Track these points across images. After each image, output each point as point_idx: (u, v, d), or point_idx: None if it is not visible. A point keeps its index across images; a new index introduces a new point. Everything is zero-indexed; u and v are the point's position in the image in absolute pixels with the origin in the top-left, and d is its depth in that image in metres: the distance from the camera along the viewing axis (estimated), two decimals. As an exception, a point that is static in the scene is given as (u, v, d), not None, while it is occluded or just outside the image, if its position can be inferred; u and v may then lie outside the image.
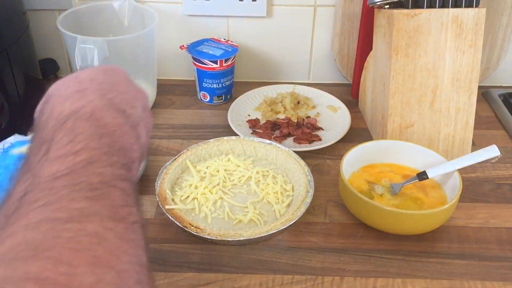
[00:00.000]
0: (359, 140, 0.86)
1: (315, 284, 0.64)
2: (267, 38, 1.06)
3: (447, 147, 0.85)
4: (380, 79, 0.87)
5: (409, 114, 0.83)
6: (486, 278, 0.65)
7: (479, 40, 0.80)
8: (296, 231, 0.72)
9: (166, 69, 1.09)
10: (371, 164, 0.79)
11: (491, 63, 1.06)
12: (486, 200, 0.78)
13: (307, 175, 0.75)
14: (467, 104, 0.83)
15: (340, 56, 1.05)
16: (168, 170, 0.76)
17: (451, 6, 0.79)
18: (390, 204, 0.72)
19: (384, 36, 0.84)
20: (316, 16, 1.03)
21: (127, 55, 0.93)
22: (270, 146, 0.81)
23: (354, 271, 0.66)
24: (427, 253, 0.69)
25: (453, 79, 0.82)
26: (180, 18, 1.03)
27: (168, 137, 0.92)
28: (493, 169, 0.85)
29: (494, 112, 1.00)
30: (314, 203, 0.75)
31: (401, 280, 0.65)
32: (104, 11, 0.97)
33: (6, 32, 0.82)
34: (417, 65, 0.81)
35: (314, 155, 0.87)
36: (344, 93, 1.05)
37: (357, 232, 0.72)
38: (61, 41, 1.02)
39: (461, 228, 0.73)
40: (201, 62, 0.97)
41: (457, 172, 0.72)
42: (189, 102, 1.03)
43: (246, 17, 1.03)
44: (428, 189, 0.75)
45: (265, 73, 1.10)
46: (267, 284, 0.64)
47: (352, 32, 1.01)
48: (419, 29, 0.79)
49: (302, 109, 0.98)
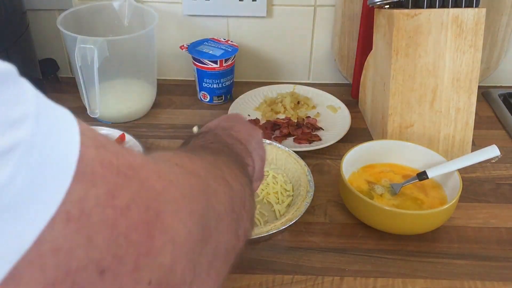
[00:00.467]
0: (359, 140, 0.86)
1: (315, 284, 0.64)
2: (267, 38, 1.06)
3: (447, 147, 0.85)
4: (380, 79, 0.87)
5: (409, 114, 0.83)
6: (486, 278, 0.65)
7: (479, 40, 0.80)
8: (296, 231, 0.72)
9: (166, 69, 1.09)
10: (371, 164, 0.79)
11: (491, 63, 1.06)
12: (486, 200, 0.78)
13: (307, 175, 0.75)
14: (467, 104, 0.83)
15: (340, 56, 1.05)
16: (168, 170, 0.75)
17: (451, 6, 0.79)
18: (390, 204, 0.72)
19: (384, 36, 0.84)
20: (316, 16, 1.03)
21: (127, 55, 0.93)
22: (270, 146, 0.81)
23: (354, 271, 0.66)
24: (427, 253, 0.69)
25: (453, 79, 0.81)
26: (180, 18, 1.03)
27: (168, 137, 0.92)
28: (493, 169, 0.84)
29: (494, 112, 1.00)
30: (314, 203, 0.75)
31: (401, 280, 0.65)
32: (104, 11, 0.96)
33: (6, 32, 0.82)
34: (417, 65, 0.81)
35: (314, 155, 0.87)
36: (344, 93, 1.05)
37: (357, 232, 0.72)
38: (61, 41, 1.02)
39: (461, 228, 0.73)
40: (201, 62, 0.97)
41: (457, 172, 0.72)
42: (189, 102, 1.03)
43: (246, 17, 1.03)
44: (428, 189, 0.75)
45: (265, 73, 1.10)
46: (267, 284, 0.64)
47: (352, 32, 1.01)
48: (419, 29, 0.79)
49: (302, 109, 0.98)
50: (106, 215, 0.22)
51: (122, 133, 0.87)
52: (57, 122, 0.21)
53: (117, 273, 0.22)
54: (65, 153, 0.21)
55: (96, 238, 0.21)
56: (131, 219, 0.23)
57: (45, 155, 0.20)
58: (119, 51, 0.89)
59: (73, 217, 0.20)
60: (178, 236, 0.26)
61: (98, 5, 0.96)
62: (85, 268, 0.21)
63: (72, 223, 0.20)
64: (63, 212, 0.20)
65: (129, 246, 0.23)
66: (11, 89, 0.19)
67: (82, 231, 0.21)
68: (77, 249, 0.21)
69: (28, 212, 0.19)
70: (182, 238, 0.26)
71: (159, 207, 0.25)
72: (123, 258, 0.23)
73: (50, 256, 0.20)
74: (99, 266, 0.21)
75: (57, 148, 0.21)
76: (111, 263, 0.22)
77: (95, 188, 0.22)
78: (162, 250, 0.25)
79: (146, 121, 0.97)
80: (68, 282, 0.20)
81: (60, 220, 0.20)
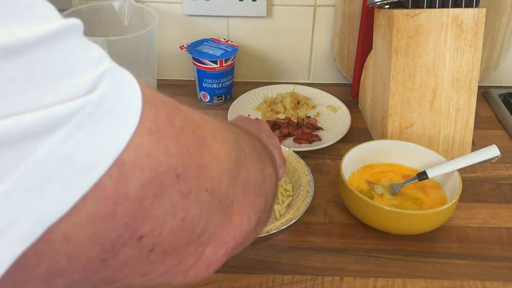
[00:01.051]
0: (359, 140, 0.86)
1: (315, 284, 0.64)
2: (267, 38, 1.06)
3: (447, 147, 0.85)
4: (380, 79, 0.87)
5: (409, 114, 0.83)
6: (486, 278, 0.65)
7: (479, 40, 0.80)
8: (296, 231, 0.72)
9: (166, 69, 1.09)
10: (371, 164, 0.79)
11: (491, 63, 1.06)
12: (486, 200, 0.78)
13: (307, 175, 0.75)
14: (467, 104, 0.83)
15: (340, 56, 1.05)
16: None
17: (451, 6, 0.79)
18: (390, 204, 0.72)
19: (384, 36, 0.84)
20: (316, 16, 1.03)
21: (127, 55, 0.93)
22: (270, 146, 0.80)
23: (354, 271, 0.66)
24: (427, 253, 0.69)
25: (453, 79, 0.82)
26: (180, 18, 1.03)
27: (168, 137, 0.92)
28: (493, 169, 0.85)
29: (494, 112, 1.00)
30: (314, 203, 0.75)
31: (401, 280, 0.65)
32: (104, 11, 0.97)
33: (6, 32, 0.82)
34: (417, 65, 0.81)
35: (314, 155, 0.87)
36: (344, 93, 1.05)
37: (357, 232, 0.72)
38: (61, 41, 1.02)
39: (461, 228, 0.73)
40: (201, 62, 0.97)
41: (457, 172, 0.72)
42: (189, 102, 1.03)
43: (246, 17, 1.03)
44: (428, 189, 0.75)
45: (265, 73, 1.10)
46: (267, 284, 0.64)
47: (352, 32, 1.01)
48: (419, 29, 0.79)
49: (302, 109, 0.98)
50: (171, 132, 0.27)
51: (122, 133, 0.87)
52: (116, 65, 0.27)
53: (187, 179, 0.28)
54: (131, 85, 0.26)
55: (171, 148, 0.27)
56: (187, 137, 0.29)
57: (123, 81, 0.25)
58: (119, 51, 0.89)
59: (153, 131, 0.26)
60: (219, 156, 0.32)
61: (98, 5, 0.96)
62: (167, 172, 0.26)
63: (154, 136, 0.26)
64: (146, 127, 0.25)
65: (191, 158, 0.28)
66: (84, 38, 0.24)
67: (161, 142, 0.26)
68: (160, 156, 0.26)
69: (121, 119, 0.24)
70: (222, 158, 0.32)
71: (202, 132, 0.31)
72: (189, 166, 0.28)
73: (145, 160, 0.25)
74: (176, 171, 0.27)
75: (126, 79, 0.26)
76: (182, 169, 0.27)
77: (159, 112, 0.27)
78: (211, 165, 0.30)
79: (146, 121, 0.97)
80: (157, 182, 0.25)
81: (146, 133, 0.25)
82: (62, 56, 0.22)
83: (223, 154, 0.33)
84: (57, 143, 0.21)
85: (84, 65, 0.23)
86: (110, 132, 0.23)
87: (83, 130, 0.22)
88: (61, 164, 0.21)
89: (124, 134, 0.24)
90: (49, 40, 0.22)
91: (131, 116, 0.25)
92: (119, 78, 0.25)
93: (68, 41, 0.23)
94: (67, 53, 0.22)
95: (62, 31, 0.22)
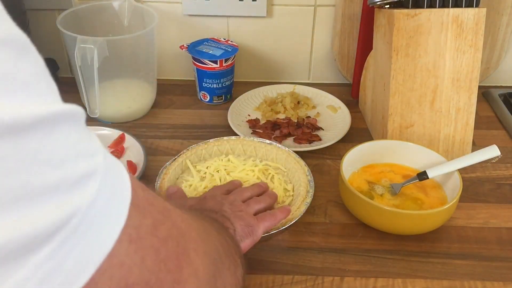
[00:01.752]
0: (359, 140, 0.86)
1: (315, 284, 0.64)
2: (267, 38, 1.06)
3: (447, 147, 0.85)
4: (380, 79, 0.87)
5: (409, 114, 0.83)
6: (486, 278, 0.65)
7: (479, 40, 0.80)
8: (296, 231, 0.72)
9: (166, 69, 1.09)
10: (371, 164, 0.79)
11: (491, 63, 1.06)
12: (486, 200, 0.78)
13: (307, 175, 0.75)
14: (467, 104, 0.83)
15: (340, 56, 1.05)
16: (168, 170, 0.76)
17: (451, 6, 0.79)
18: (390, 204, 0.72)
19: (384, 36, 0.84)
20: (316, 16, 1.03)
21: (127, 55, 0.93)
22: (270, 146, 0.80)
23: (354, 271, 0.66)
24: (427, 253, 0.69)
25: (453, 79, 0.81)
26: (180, 18, 1.03)
27: (168, 137, 0.92)
28: (493, 169, 0.84)
29: (494, 112, 1.00)
30: (314, 203, 0.75)
31: (401, 280, 0.65)
32: (104, 11, 0.96)
33: (6, 32, 0.82)
34: (417, 65, 0.81)
35: (314, 155, 0.87)
36: (344, 93, 1.05)
37: (357, 232, 0.72)
38: (61, 41, 1.02)
39: (461, 228, 0.73)
40: (201, 62, 0.97)
41: (457, 172, 0.72)
42: (189, 102, 1.03)
43: (246, 17, 1.03)
44: (428, 189, 0.75)
45: (265, 73, 1.10)
46: (267, 284, 0.64)
47: (352, 32, 1.01)
48: (419, 29, 0.79)
49: (302, 109, 0.98)
50: (153, 242, 0.26)
51: (122, 133, 0.87)
52: (114, 161, 0.26)
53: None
54: (122, 187, 0.25)
55: (147, 259, 0.26)
56: (168, 249, 0.28)
57: (115, 182, 0.25)
58: (119, 51, 0.89)
59: (133, 239, 0.25)
60: (198, 270, 0.31)
61: (98, 5, 0.96)
62: (137, 284, 0.25)
63: (132, 244, 0.25)
64: (126, 234, 0.24)
65: (167, 273, 0.27)
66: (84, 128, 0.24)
67: (139, 252, 0.25)
68: (134, 267, 0.25)
69: (105, 228, 0.23)
70: (201, 273, 0.31)
71: (185, 244, 0.30)
72: (163, 281, 0.27)
73: (117, 269, 0.24)
74: (148, 284, 0.26)
75: (119, 178, 0.25)
76: (155, 283, 0.26)
77: (145, 219, 0.26)
78: (188, 281, 0.30)
79: (146, 121, 0.97)
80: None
81: (125, 240, 0.24)
82: (53, 145, 0.21)
83: (201, 269, 0.31)
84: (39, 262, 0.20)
85: (74, 157, 0.22)
86: (92, 247, 0.22)
87: (67, 246, 0.21)
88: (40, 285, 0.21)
89: (107, 244, 0.23)
90: (44, 124, 0.21)
91: (114, 225, 0.24)
92: (111, 177, 0.24)
93: (63, 127, 0.22)
94: (59, 141, 0.21)
95: (60, 116, 0.22)
